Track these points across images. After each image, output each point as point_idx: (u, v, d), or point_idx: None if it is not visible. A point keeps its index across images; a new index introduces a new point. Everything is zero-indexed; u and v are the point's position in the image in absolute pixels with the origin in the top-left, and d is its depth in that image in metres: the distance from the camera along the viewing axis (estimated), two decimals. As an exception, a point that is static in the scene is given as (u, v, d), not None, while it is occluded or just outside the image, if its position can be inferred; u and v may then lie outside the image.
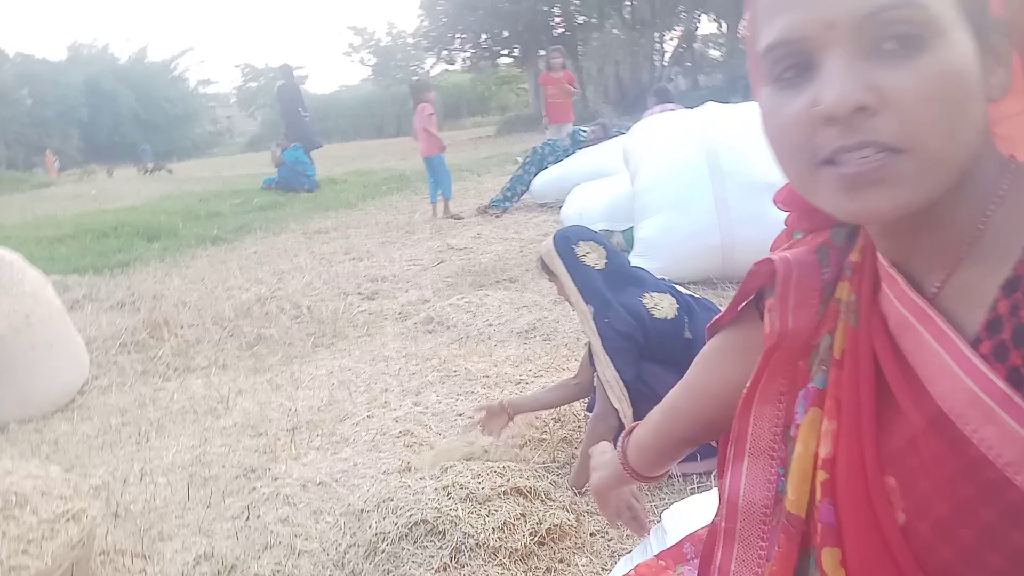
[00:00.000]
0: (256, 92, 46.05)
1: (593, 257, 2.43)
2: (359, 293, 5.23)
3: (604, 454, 1.09)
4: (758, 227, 4.09)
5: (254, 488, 2.59)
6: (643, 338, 2.29)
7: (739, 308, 0.86)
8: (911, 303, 0.63)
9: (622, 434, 1.04)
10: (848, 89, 0.54)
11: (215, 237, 8.41)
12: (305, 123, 13.23)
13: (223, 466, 2.81)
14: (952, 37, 0.55)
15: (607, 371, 2.24)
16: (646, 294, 2.39)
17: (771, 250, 0.85)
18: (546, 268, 2.52)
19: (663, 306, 2.36)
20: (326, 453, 2.78)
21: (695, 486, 2.26)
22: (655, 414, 0.99)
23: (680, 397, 0.96)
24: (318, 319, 4.66)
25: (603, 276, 2.41)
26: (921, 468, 0.60)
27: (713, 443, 2.41)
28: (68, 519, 1.90)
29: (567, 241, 2.49)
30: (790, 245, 0.80)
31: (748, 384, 0.77)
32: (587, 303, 2.35)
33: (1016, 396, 0.54)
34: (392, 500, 2.09)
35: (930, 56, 0.54)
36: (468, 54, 28.12)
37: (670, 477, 2.30)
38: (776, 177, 0.71)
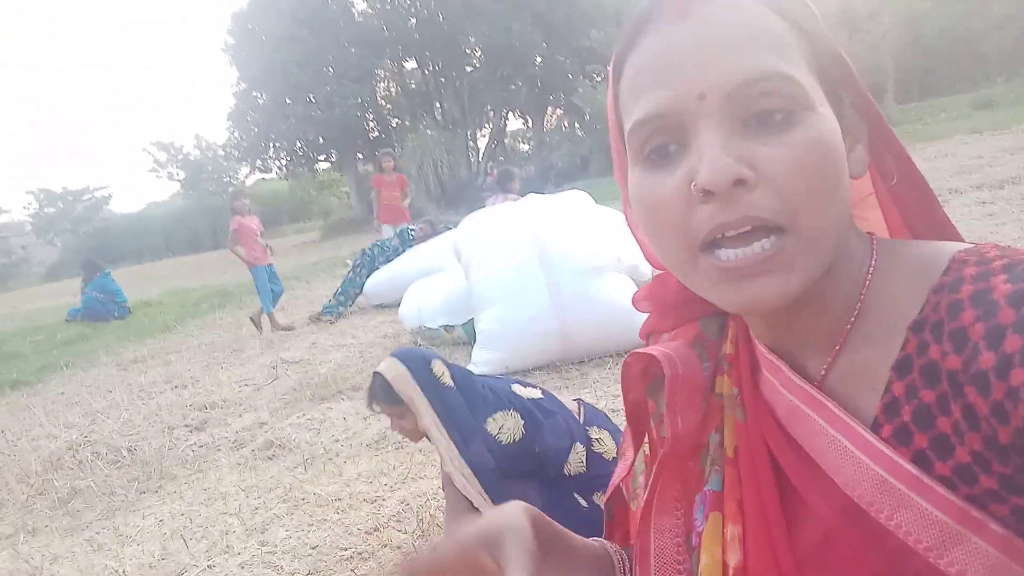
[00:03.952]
0: (54, 217, 43.20)
1: (447, 377, 2.16)
2: (186, 425, 4.79)
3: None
4: (591, 308, 4.24)
5: None
6: (497, 468, 2.10)
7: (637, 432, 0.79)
8: (799, 390, 0.61)
9: None
10: (724, 162, 0.52)
11: (14, 381, 7.52)
12: None
13: (35, 657, 2.38)
14: (820, 111, 0.55)
15: (484, 507, 2.08)
16: (490, 418, 2.16)
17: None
18: (388, 397, 2.16)
19: (508, 427, 2.14)
20: (162, 619, 2.44)
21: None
22: None
23: None
24: (141, 461, 4.19)
25: (462, 395, 2.14)
26: (842, 566, 0.57)
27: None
28: None
29: (424, 361, 2.15)
30: (670, 337, 0.77)
31: (644, 496, 0.72)
32: (449, 435, 2.07)
33: (926, 478, 0.52)
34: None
35: (802, 129, 0.53)
36: (284, 161, 27.82)
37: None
38: (601, 260, 0.68)
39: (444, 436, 2.08)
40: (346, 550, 2.66)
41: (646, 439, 0.79)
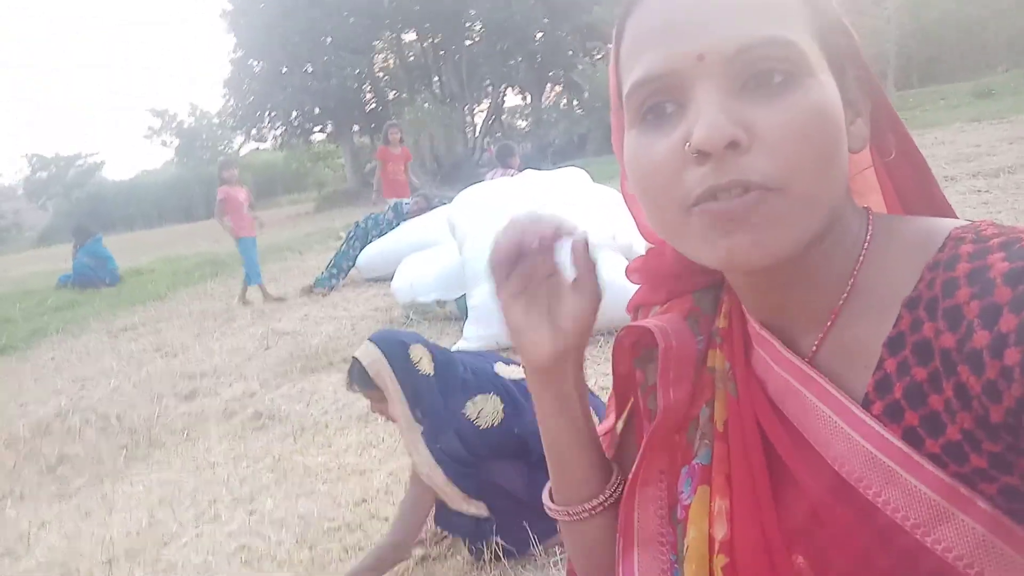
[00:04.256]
0: (46, 182, 42.99)
1: (425, 362, 2.12)
2: (175, 393, 4.78)
3: None
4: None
5: (62, 642, 2.21)
6: (473, 456, 2.10)
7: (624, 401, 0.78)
8: (791, 365, 0.61)
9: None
10: (720, 122, 0.51)
11: (4, 346, 7.50)
12: None
13: (22, 619, 2.39)
14: (821, 78, 0.54)
15: (455, 499, 2.09)
16: (469, 402, 2.13)
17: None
18: (364, 382, 2.13)
19: (487, 412, 2.12)
20: (149, 585, 2.45)
21: (557, 558, 2.19)
22: None
23: None
24: (129, 429, 4.19)
25: (437, 384, 2.12)
26: (831, 542, 0.56)
27: None
28: None
29: (402, 347, 2.12)
30: (663, 310, 0.76)
31: (633, 467, 0.72)
32: (418, 423, 2.06)
33: (916, 454, 0.52)
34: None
35: (801, 94, 0.52)
36: (279, 131, 27.60)
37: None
38: (596, 237, 0.68)
39: (411, 427, 2.07)
40: (333, 520, 2.67)
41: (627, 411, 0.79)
